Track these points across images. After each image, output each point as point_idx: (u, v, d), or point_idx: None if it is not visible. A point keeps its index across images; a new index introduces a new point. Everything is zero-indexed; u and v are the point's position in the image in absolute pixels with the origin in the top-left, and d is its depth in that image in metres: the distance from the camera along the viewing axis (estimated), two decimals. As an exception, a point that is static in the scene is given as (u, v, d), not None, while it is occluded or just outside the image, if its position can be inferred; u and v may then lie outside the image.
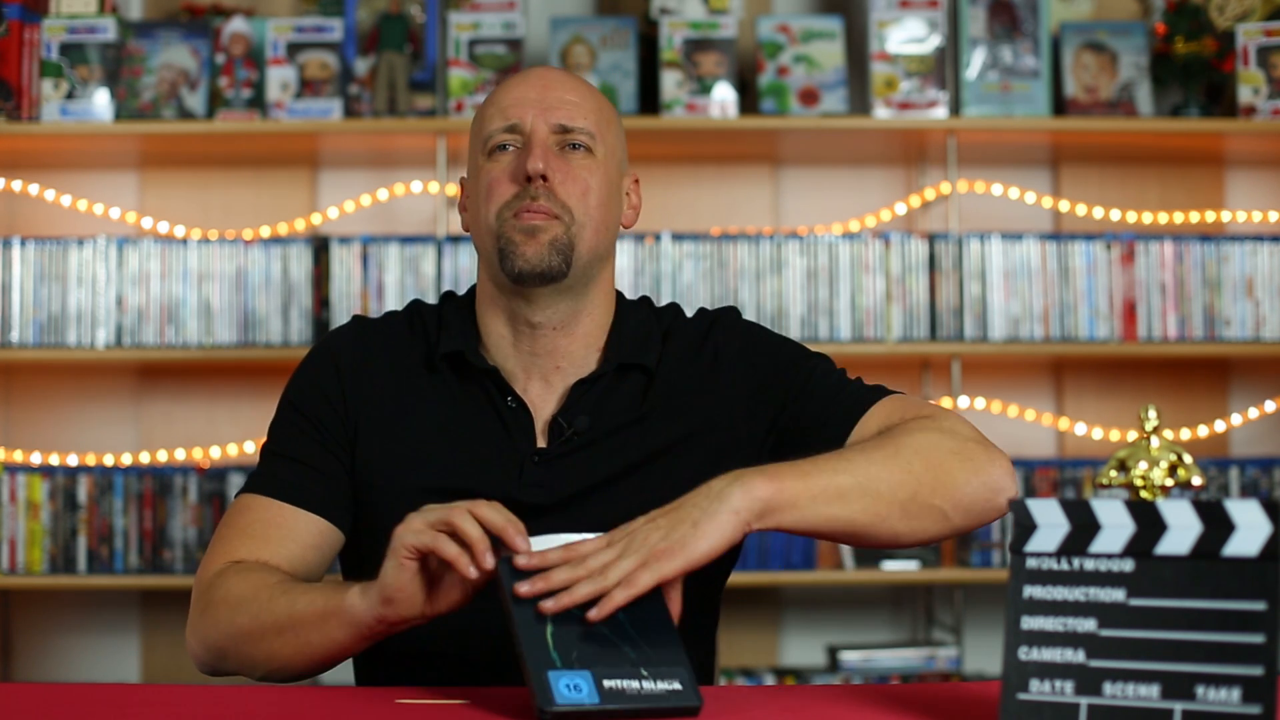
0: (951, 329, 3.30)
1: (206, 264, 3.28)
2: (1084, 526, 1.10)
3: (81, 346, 3.25)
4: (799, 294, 3.30)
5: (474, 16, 3.32)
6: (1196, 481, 1.43)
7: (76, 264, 3.27)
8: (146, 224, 3.43)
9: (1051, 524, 1.11)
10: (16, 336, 3.26)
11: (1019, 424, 3.52)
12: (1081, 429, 3.47)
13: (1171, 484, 1.43)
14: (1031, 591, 1.10)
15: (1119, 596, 1.07)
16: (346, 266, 3.28)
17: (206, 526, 3.26)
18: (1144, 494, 1.43)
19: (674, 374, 1.63)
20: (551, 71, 1.67)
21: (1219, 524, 1.05)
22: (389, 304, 3.23)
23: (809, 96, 3.33)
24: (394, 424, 1.61)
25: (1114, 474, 1.45)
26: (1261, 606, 1.02)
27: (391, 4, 3.34)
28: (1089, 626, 1.08)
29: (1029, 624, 1.10)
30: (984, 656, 3.45)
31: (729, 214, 3.55)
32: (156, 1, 3.58)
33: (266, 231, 3.33)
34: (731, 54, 3.31)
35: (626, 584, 1.26)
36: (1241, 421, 3.52)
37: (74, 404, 3.52)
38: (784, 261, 3.31)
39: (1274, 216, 3.54)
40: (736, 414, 1.61)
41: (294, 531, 1.56)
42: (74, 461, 3.33)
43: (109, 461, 3.32)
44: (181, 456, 3.38)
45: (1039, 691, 1.08)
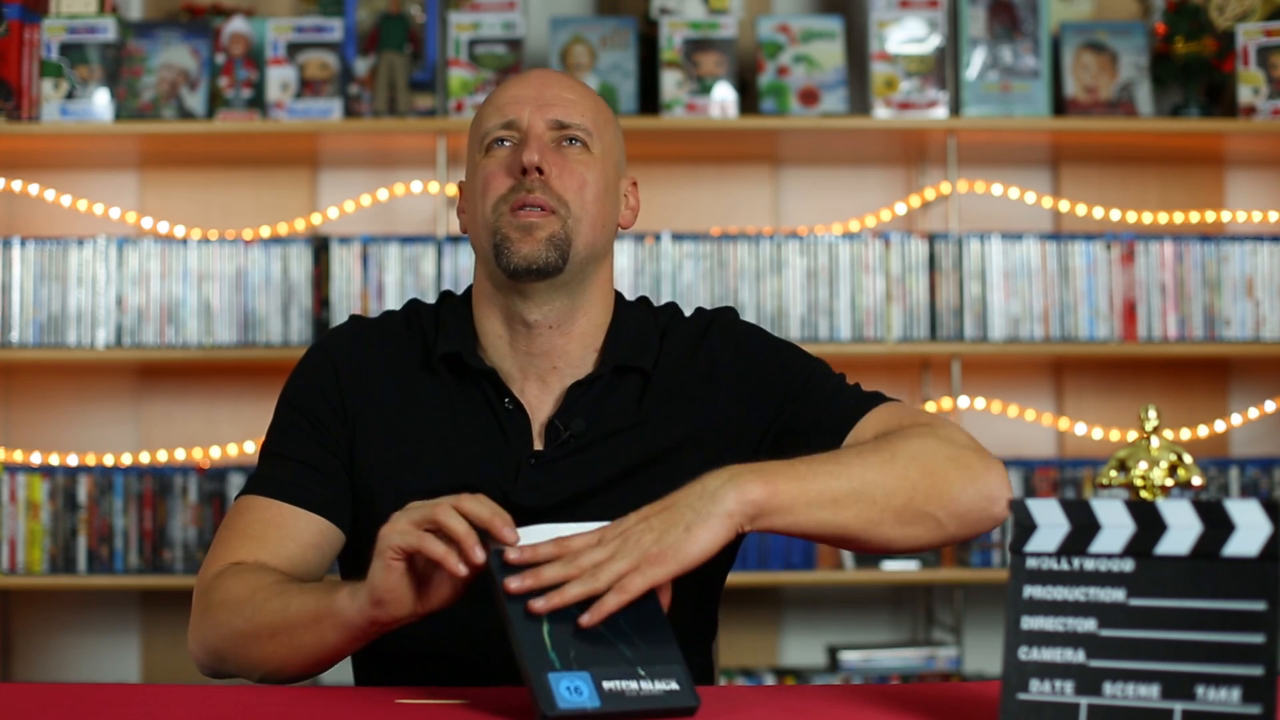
0: (951, 329, 3.30)
1: (206, 264, 3.28)
2: (1084, 526, 1.10)
3: (81, 346, 3.25)
4: (799, 294, 3.30)
5: (474, 16, 3.32)
6: (1196, 481, 1.43)
7: (76, 264, 3.27)
8: (146, 224, 3.42)
9: (1051, 524, 1.11)
10: (16, 336, 3.26)
11: (1019, 424, 3.52)
12: (1081, 429, 3.47)
13: (1171, 484, 1.43)
14: (1031, 591, 1.10)
15: (1119, 596, 1.07)
16: (346, 266, 3.28)
17: (206, 526, 3.26)
18: (1144, 494, 1.43)
19: (671, 376, 1.62)
20: (549, 72, 1.68)
21: (1219, 524, 1.05)
22: (389, 304, 3.23)
23: (809, 96, 3.33)
24: (391, 424, 1.61)
25: (1114, 474, 1.45)
26: (1261, 606, 1.02)
27: (391, 4, 3.34)
28: (1089, 626, 1.08)
29: (1029, 624, 1.10)
30: (984, 656, 3.45)
31: (729, 214, 3.54)
32: (156, 1, 3.58)
33: (266, 231, 3.33)
34: (731, 54, 3.31)
35: (619, 589, 1.26)
36: (1241, 421, 3.52)
37: (74, 404, 3.52)
38: (784, 261, 3.30)
39: (1274, 216, 3.54)
40: (733, 416, 1.60)
41: (294, 531, 1.56)
42: (74, 461, 3.33)
43: (109, 461, 3.32)
44: (181, 456, 3.38)
45: (1039, 691, 1.08)
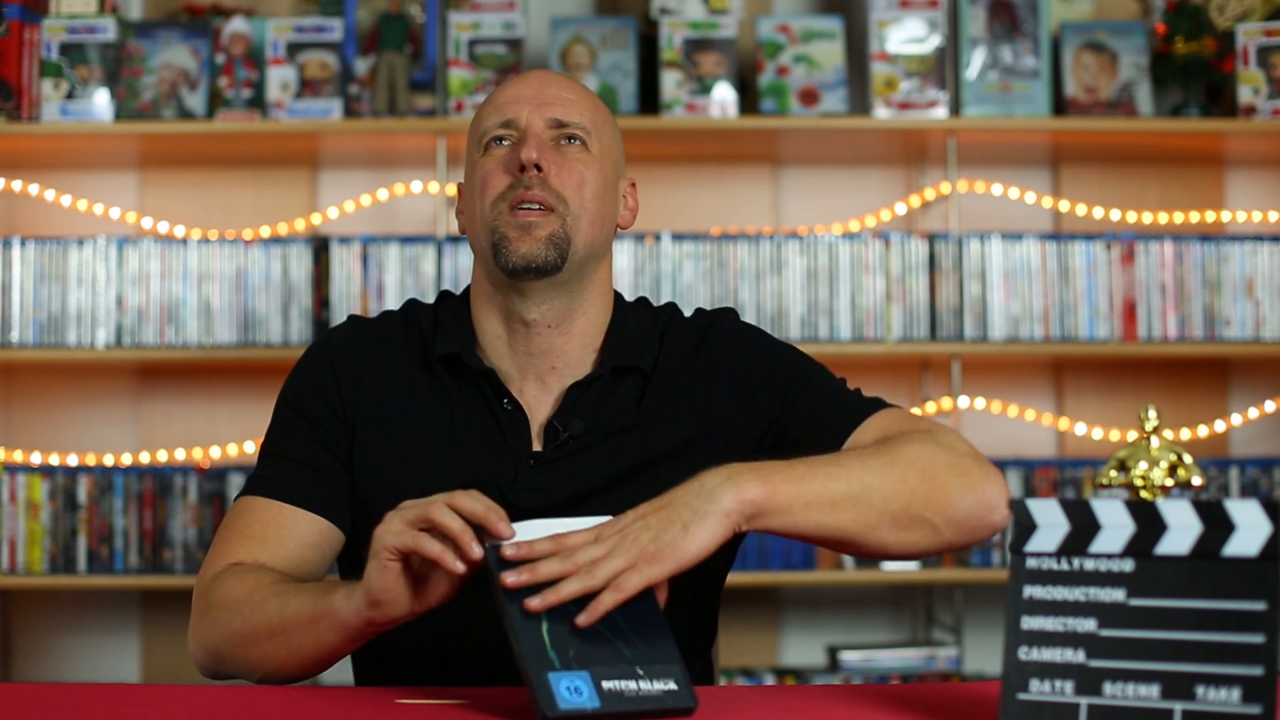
0: (951, 329, 3.30)
1: (206, 264, 3.28)
2: (1084, 526, 1.10)
3: (81, 346, 3.25)
4: (799, 294, 3.30)
5: (474, 16, 3.32)
6: (1196, 481, 1.43)
7: (76, 264, 3.27)
8: (146, 224, 3.42)
9: (1051, 524, 1.11)
10: (16, 336, 3.26)
11: (1019, 424, 3.52)
12: (1081, 429, 3.47)
13: (1171, 484, 1.43)
14: (1031, 591, 1.10)
15: (1119, 596, 1.07)
16: (346, 266, 3.28)
17: (206, 526, 3.26)
18: (1144, 494, 1.43)
19: (670, 377, 1.62)
20: (547, 72, 1.69)
21: (1219, 524, 1.05)
22: (389, 304, 3.23)
23: (809, 96, 3.33)
24: (390, 425, 1.61)
25: (1114, 474, 1.45)
26: (1261, 606, 1.02)
27: (391, 4, 3.34)
28: (1089, 626, 1.08)
29: (1029, 624, 1.10)
30: (984, 656, 3.45)
31: (729, 214, 3.54)
32: (156, 1, 3.58)
33: (266, 231, 3.33)
34: (731, 54, 3.31)
35: (615, 587, 1.25)
36: (1241, 421, 3.52)
37: (74, 404, 3.52)
38: (784, 261, 3.30)
39: (1274, 216, 3.54)
40: (732, 418, 1.60)
41: (293, 531, 1.55)
42: (74, 461, 3.33)
43: (109, 461, 3.32)
44: (181, 456, 3.38)
45: (1039, 691, 1.08)
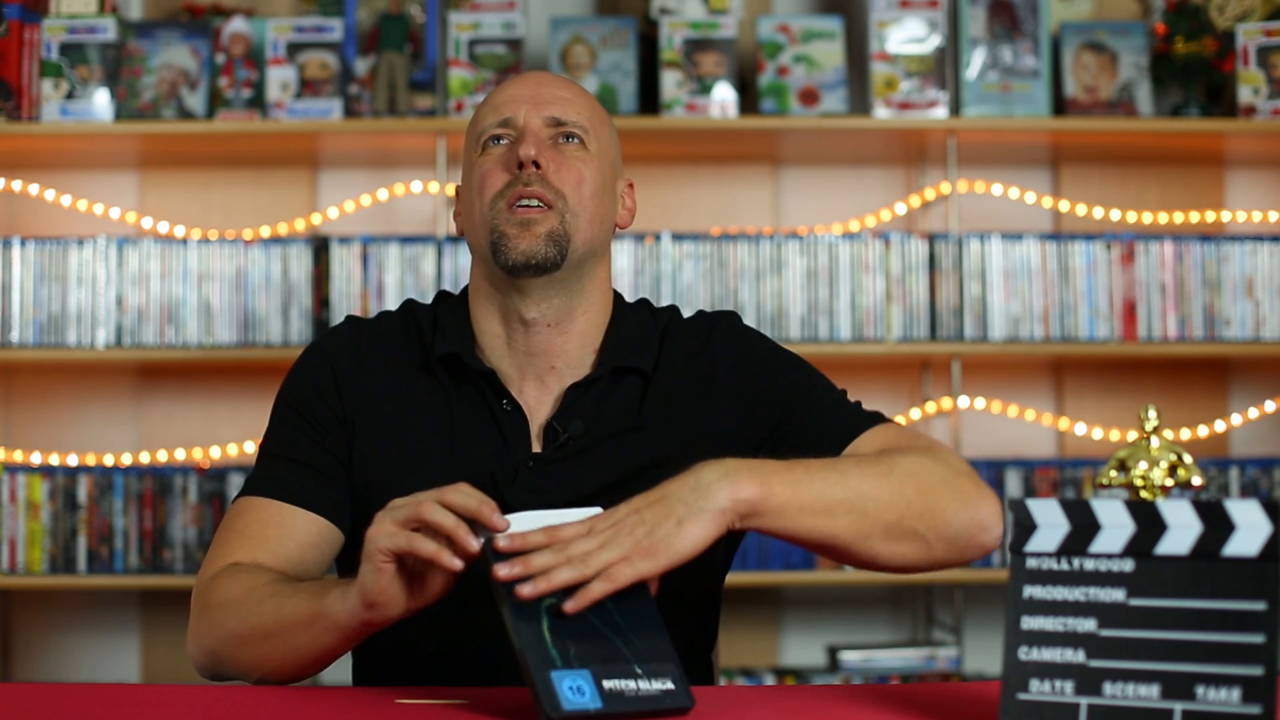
0: (951, 329, 3.30)
1: (206, 264, 3.28)
2: (1084, 526, 1.10)
3: (81, 346, 3.25)
4: (799, 294, 3.30)
5: (474, 16, 3.32)
6: (1196, 481, 1.43)
7: (76, 264, 3.27)
8: (146, 224, 3.42)
9: (1051, 524, 1.11)
10: (16, 336, 3.26)
11: (1019, 424, 3.52)
12: (1081, 429, 3.47)
13: (1171, 484, 1.43)
14: (1031, 591, 1.10)
15: (1119, 596, 1.07)
16: (346, 266, 3.28)
17: (206, 526, 3.26)
18: (1144, 494, 1.43)
19: (671, 380, 1.62)
20: (545, 73, 1.69)
21: (1219, 524, 1.05)
22: (389, 304, 3.23)
23: (809, 96, 3.33)
24: (389, 425, 1.60)
25: (1114, 474, 1.45)
26: (1261, 606, 1.02)
27: (391, 4, 3.34)
28: (1089, 626, 1.08)
29: (1029, 624, 1.10)
30: (984, 656, 3.45)
31: (729, 214, 3.54)
32: (156, 1, 3.58)
33: (266, 231, 3.33)
34: (731, 54, 3.31)
35: (606, 577, 1.25)
36: (1241, 421, 3.52)
37: (74, 404, 3.51)
38: (784, 261, 3.30)
39: (1274, 216, 3.54)
40: (731, 423, 1.60)
41: (292, 531, 1.55)
42: (74, 461, 3.33)
43: (109, 461, 3.32)
44: (181, 456, 3.37)
45: (1039, 691, 1.08)
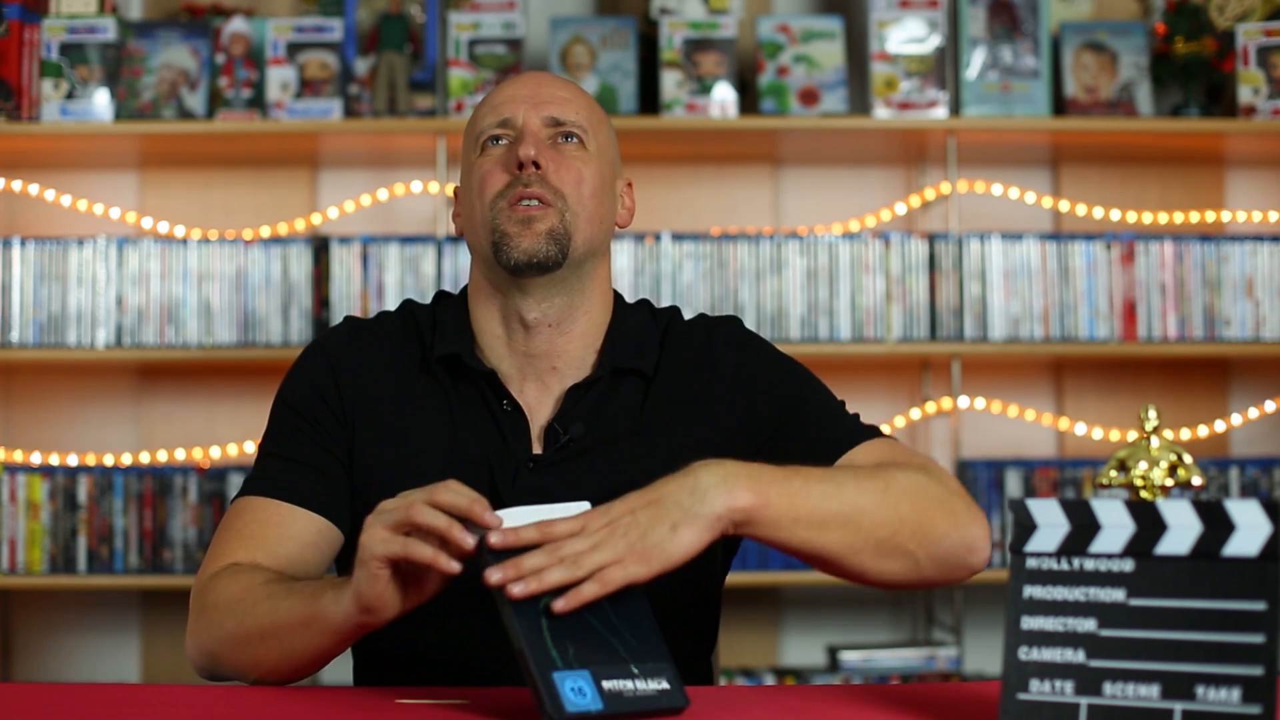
0: (951, 329, 3.30)
1: (206, 264, 3.28)
2: (1084, 526, 1.10)
3: (81, 346, 3.25)
4: (799, 294, 3.30)
5: (474, 16, 3.32)
6: (1196, 481, 1.43)
7: (76, 264, 3.27)
8: (146, 224, 3.42)
9: (1051, 524, 1.11)
10: (16, 336, 3.26)
11: (1019, 424, 3.52)
12: (1081, 429, 3.47)
13: (1171, 484, 1.43)
14: (1031, 591, 1.10)
15: (1119, 596, 1.07)
16: (346, 266, 3.28)
17: (206, 526, 3.26)
18: (1144, 494, 1.43)
19: (672, 383, 1.62)
20: (543, 73, 1.69)
21: (1219, 524, 1.05)
22: (389, 304, 3.23)
23: (809, 96, 3.33)
24: (389, 426, 1.60)
25: (1114, 474, 1.45)
26: (1261, 606, 1.02)
27: (391, 4, 3.34)
28: (1089, 626, 1.08)
29: (1029, 624, 1.10)
30: (984, 656, 3.45)
31: (729, 214, 3.54)
32: (156, 1, 3.58)
33: (266, 231, 3.33)
34: (731, 54, 3.31)
35: (598, 580, 1.25)
36: (1241, 421, 3.52)
37: (74, 404, 3.51)
38: (784, 261, 3.30)
39: (1274, 216, 3.54)
40: (730, 428, 1.60)
41: (291, 531, 1.55)
42: (74, 461, 3.33)
43: (109, 461, 3.32)
44: (181, 456, 3.37)
45: (1039, 691, 1.08)
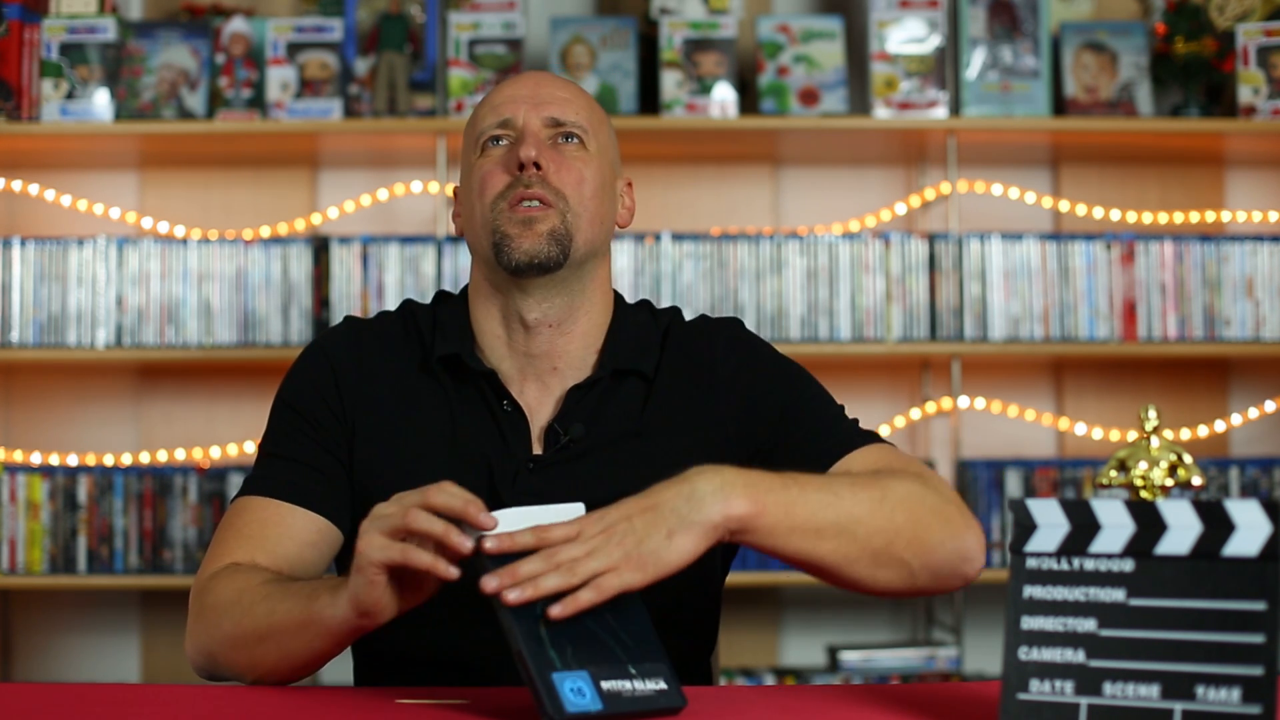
0: (951, 329, 3.30)
1: (206, 264, 3.28)
2: (1084, 526, 1.10)
3: (81, 346, 3.25)
4: (799, 294, 3.30)
5: (474, 16, 3.32)
6: (1196, 481, 1.43)
7: (76, 264, 3.27)
8: (146, 224, 3.42)
9: (1051, 524, 1.11)
10: (16, 336, 3.26)
11: (1019, 424, 3.52)
12: (1081, 429, 3.47)
13: (1171, 484, 1.43)
14: (1031, 591, 1.10)
15: (1119, 596, 1.07)
16: (346, 266, 3.28)
17: (206, 526, 3.26)
18: (1144, 494, 1.43)
19: (672, 384, 1.62)
20: (543, 73, 1.69)
21: (1219, 524, 1.05)
22: (389, 304, 3.23)
23: (809, 96, 3.33)
24: (390, 426, 1.60)
25: (1114, 474, 1.45)
26: (1261, 606, 1.02)
27: (391, 4, 3.34)
28: (1089, 626, 1.08)
29: (1029, 624, 1.10)
30: (984, 656, 3.45)
31: (729, 214, 3.54)
32: (156, 1, 3.58)
33: (266, 231, 3.33)
34: (731, 54, 3.31)
35: (594, 587, 1.25)
36: (1241, 421, 3.52)
37: (74, 404, 3.51)
38: (784, 261, 3.30)
39: (1274, 216, 3.54)
40: (729, 429, 1.60)
41: (291, 530, 1.55)
42: (74, 461, 3.33)
43: (109, 461, 3.32)
44: (181, 456, 3.37)
45: (1039, 691, 1.08)
